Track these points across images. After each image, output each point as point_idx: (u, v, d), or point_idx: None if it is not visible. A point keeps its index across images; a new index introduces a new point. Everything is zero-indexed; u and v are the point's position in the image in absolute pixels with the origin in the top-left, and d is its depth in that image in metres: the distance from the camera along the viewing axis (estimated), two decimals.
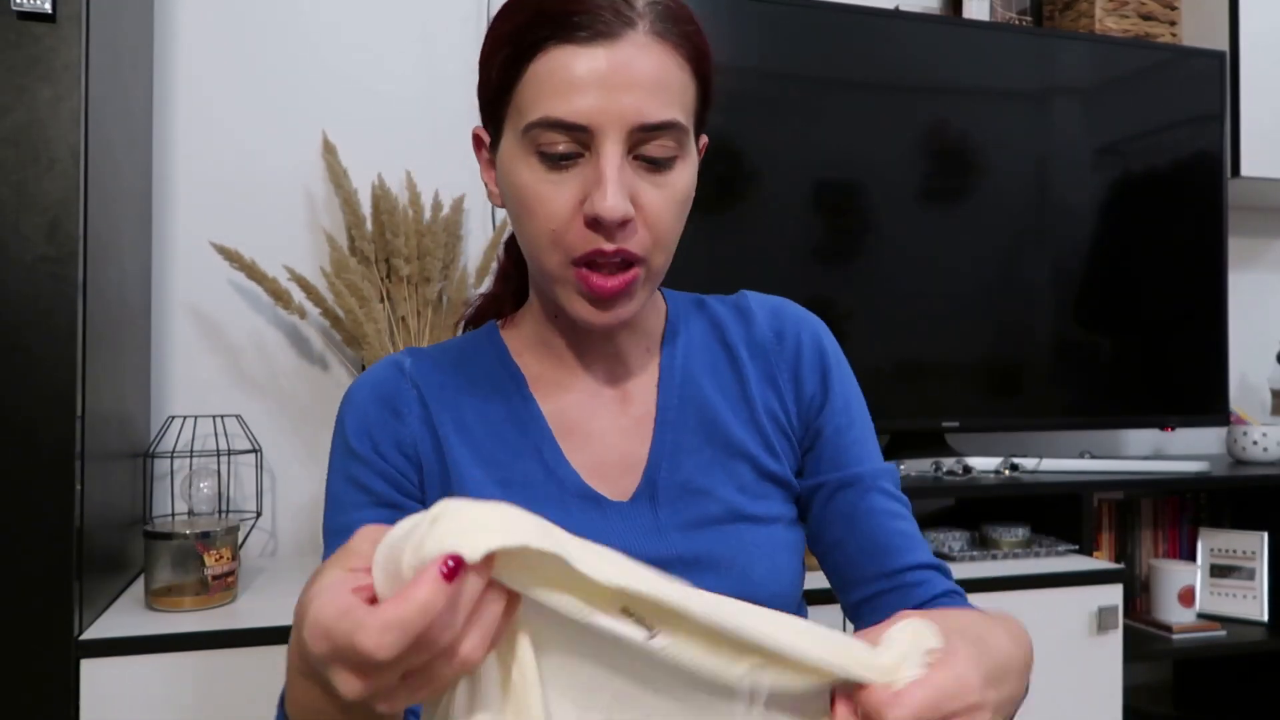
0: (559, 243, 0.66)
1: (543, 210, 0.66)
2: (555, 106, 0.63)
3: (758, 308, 0.82)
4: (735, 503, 0.74)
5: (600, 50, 0.63)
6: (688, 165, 0.69)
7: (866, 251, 1.78)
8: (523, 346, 0.78)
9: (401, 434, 0.73)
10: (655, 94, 0.64)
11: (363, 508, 0.72)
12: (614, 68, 0.63)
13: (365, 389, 0.75)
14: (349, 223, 1.59)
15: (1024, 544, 1.67)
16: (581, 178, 0.65)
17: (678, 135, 0.66)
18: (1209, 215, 2.00)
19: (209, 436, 1.55)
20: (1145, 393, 1.95)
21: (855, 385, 0.83)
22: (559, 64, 0.63)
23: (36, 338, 1.08)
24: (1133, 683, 1.78)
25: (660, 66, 0.65)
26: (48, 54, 1.09)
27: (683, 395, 0.77)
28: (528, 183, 0.66)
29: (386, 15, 1.73)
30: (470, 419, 0.75)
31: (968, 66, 1.84)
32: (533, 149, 0.65)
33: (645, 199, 0.66)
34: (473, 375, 0.77)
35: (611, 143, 0.64)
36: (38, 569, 1.08)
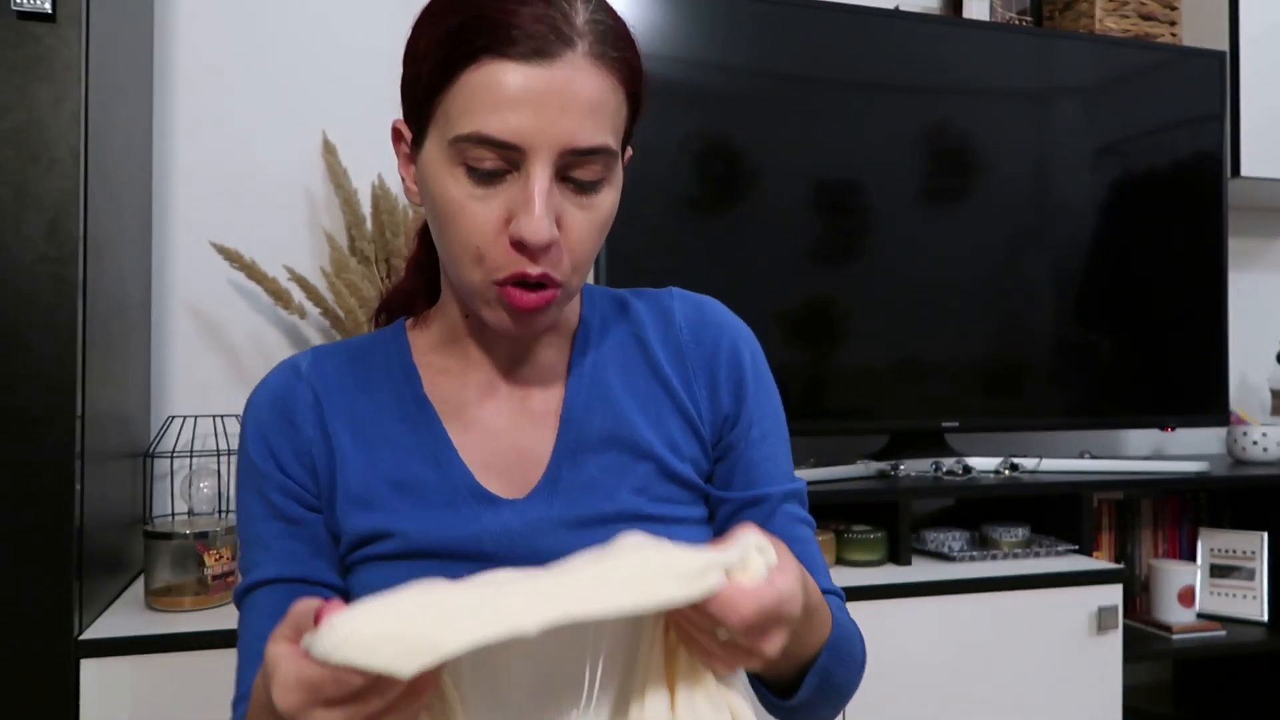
0: (482, 260, 0.65)
1: (466, 225, 0.65)
2: (487, 122, 0.62)
3: (679, 308, 0.80)
4: (634, 504, 0.73)
5: (537, 69, 0.62)
6: (613, 188, 0.68)
7: (866, 251, 1.78)
8: (429, 345, 0.78)
9: (298, 443, 0.73)
10: (589, 118, 0.63)
11: (266, 519, 0.73)
12: (550, 89, 0.62)
13: (263, 394, 0.75)
14: (349, 223, 1.59)
15: (1024, 544, 1.67)
16: (508, 196, 0.64)
17: (607, 160, 0.66)
18: (1209, 215, 2.00)
19: (209, 436, 1.55)
20: (1145, 393, 1.95)
21: (773, 397, 0.81)
22: (493, 78, 0.62)
23: (36, 338, 1.08)
24: (1133, 683, 1.78)
25: (597, 90, 0.64)
26: (48, 54, 1.09)
27: (590, 394, 0.76)
28: (453, 197, 0.65)
29: (386, 15, 1.73)
30: (364, 418, 0.74)
31: (968, 66, 1.84)
32: (459, 161, 0.64)
33: (569, 221, 0.66)
34: (370, 373, 0.76)
35: (541, 164, 0.63)
36: (38, 569, 1.08)
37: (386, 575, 0.70)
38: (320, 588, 0.73)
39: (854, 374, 1.75)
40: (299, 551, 0.73)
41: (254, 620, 0.72)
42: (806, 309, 1.74)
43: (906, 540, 1.58)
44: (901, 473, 1.75)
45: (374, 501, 0.72)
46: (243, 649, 0.73)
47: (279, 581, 0.72)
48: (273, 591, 0.72)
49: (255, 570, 0.73)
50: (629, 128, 0.70)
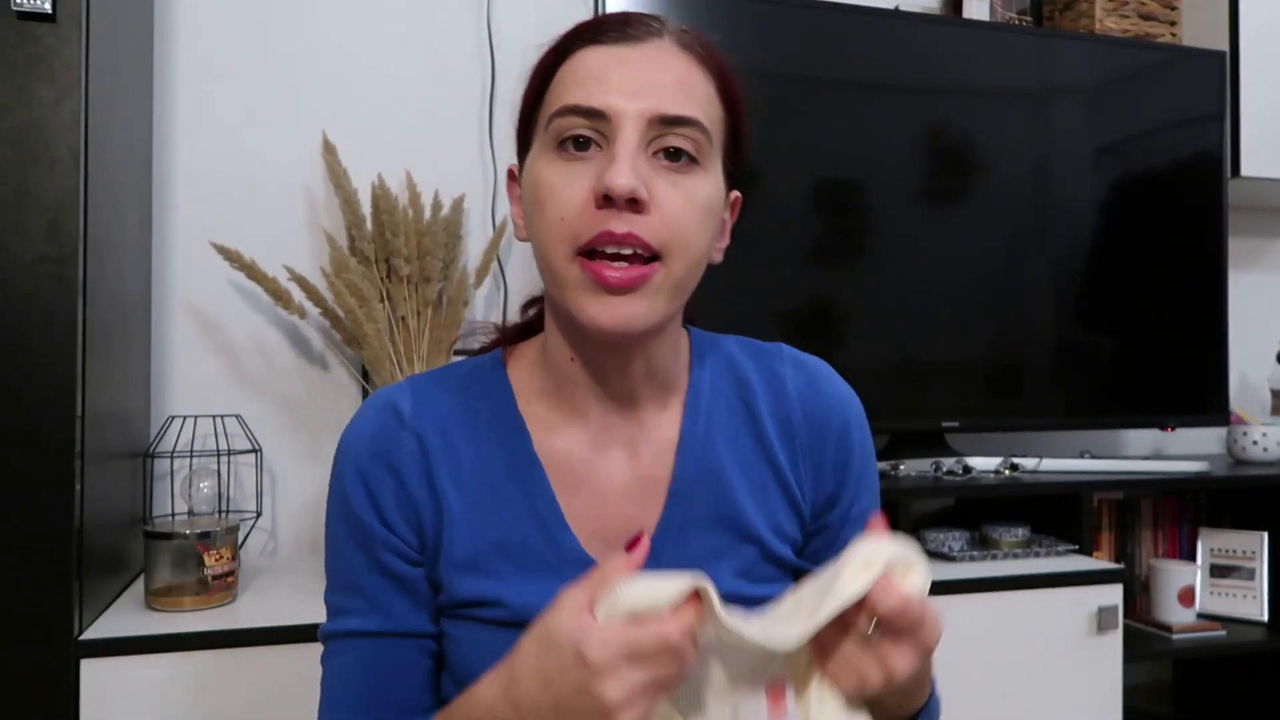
0: (567, 232, 0.64)
1: (554, 198, 0.64)
2: (576, 95, 0.65)
3: (791, 375, 0.78)
4: (736, 587, 0.72)
5: (624, 48, 0.66)
6: (710, 179, 0.67)
7: (866, 251, 1.78)
8: (532, 394, 0.74)
9: (404, 499, 0.71)
10: (676, 90, 0.65)
11: (369, 571, 0.72)
12: (638, 62, 0.65)
13: (363, 443, 0.72)
14: (349, 223, 1.59)
15: (1024, 544, 1.67)
16: (596, 167, 0.64)
17: (698, 138, 0.65)
18: (1209, 215, 2.00)
19: (209, 436, 1.55)
20: (1145, 393, 1.95)
21: (873, 473, 0.81)
22: (584, 61, 0.66)
23: (36, 338, 1.08)
24: (1133, 683, 1.78)
25: (683, 69, 0.66)
26: (48, 54, 1.09)
27: (701, 467, 0.73)
28: (543, 177, 0.65)
29: (387, 15, 1.73)
30: (470, 473, 0.72)
31: (968, 66, 1.84)
32: (553, 143, 0.65)
33: (660, 192, 0.64)
34: (475, 422, 0.73)
35: (628, 129, 0.63)
36: (38, 569, 1.08)
37: (490, 640, 0.69)
38: (418, 639, 0.72)
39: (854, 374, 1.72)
40: (400, 606, 0.72)
41: (350, 669, 0.72)
42: (807, 309, 1.74)
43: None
44: (901, 473, 1.75)
45: (481, 566, 0.70)
46: (333, 693, 0.72)
47: (378, 635, 0.71)
48: (374, 644, 0.71)
49: (354, 618, 0.72)
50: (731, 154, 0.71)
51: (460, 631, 0.71)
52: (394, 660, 0.71)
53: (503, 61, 1.76)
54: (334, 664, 0.73)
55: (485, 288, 1.76)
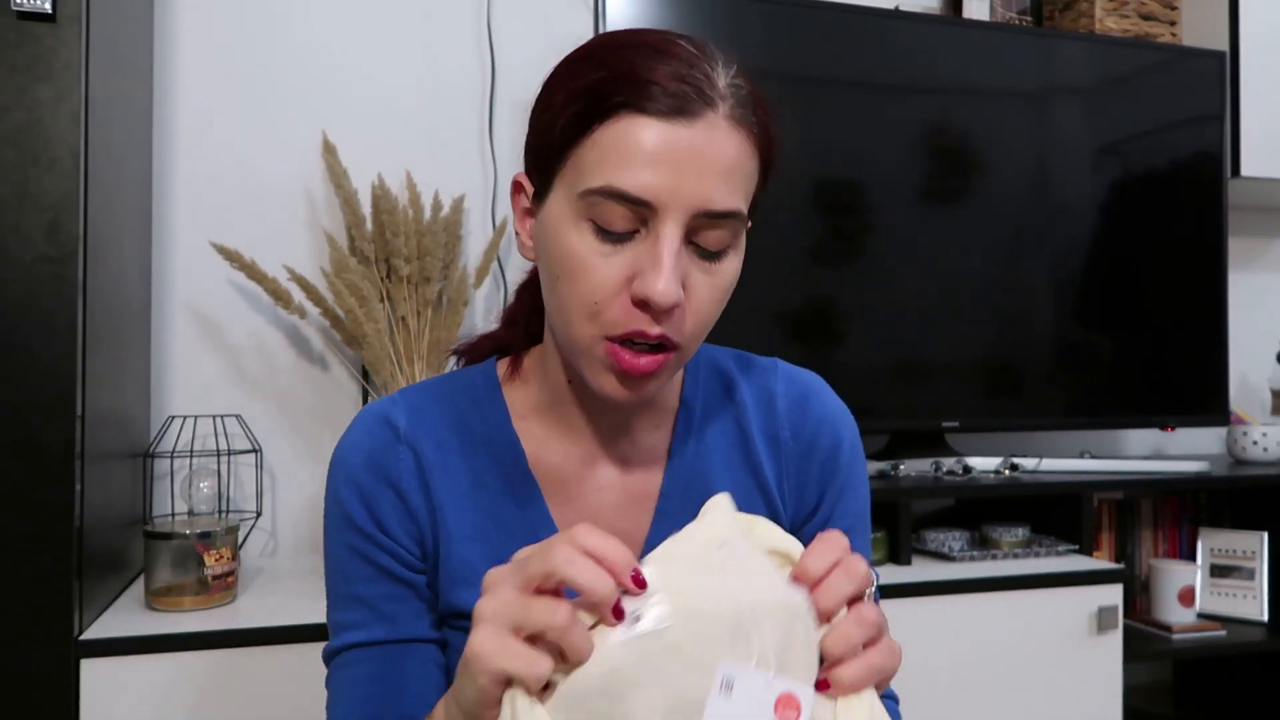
0: (597, 316, 0.63)
1: (588, 281, 0.62)
2: (622, 177, 0.60)
3: (783, 391, 0.78)
4: None
5: (677, 128, 0.60)
6: (738, 255, 0.66)
7: (866, 251, 1.78)
8: (527, 408, 0.74)
9: (404, 511, 0.71)
10: (726, 181, 0.62)
11: (373, 581, 0.71)
12: (690, 147, 0.60)
13: (359, 457, 0.71)
14: (349, 223, 1.59)
15: (1024, 544, 1.67)
16: (634, 254, 0.62)
17: (736, 226, 0.64)
18: (1209, 215, 2.00)
19: (209, 436, 1.55)
20: (1145, 393, 1.95)
21: (860, 490, 0.79)
22: (632, 134, 0.60)
23: (36, 338, 1.08)
24: (1133, 683, 1.78)
25: (735, 154, 0.62)
26: (48, 54, 1.09)
27: (688, 484, 0.74)
28: (576, 250, 0.62)
29: (386, 15, 1.73)
30: (466, 490, 0.72)
31: (968, 66, 1.84)
32: (587, 216, 0.62)
33: (694, 285, 0.63)
34: (470, 436, 0.73)
35: (672, 224, 0.61)
36: (38, 569, 1.08)
37: None
38: (425, 645, 0.71)
39: (854, 374, 1.74)
40: (404, 612, 0.71)
41: (354, 681, 0.70)
42: (807, 309, 1.74)
43: (907, 540, 1.58)
44: (901, 472, 1.75)
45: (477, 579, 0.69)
46: (338, 704, 0.71)
47: (384, 644, 0.70)
48: (381, 653, 0.70)
49: (359, 630, 0.71)
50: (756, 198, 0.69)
51: (459, 641, 0.71)
52: (401, 669, 0.71)
53: (503, 62, 1.76)
54: (339, 679, 0.71)
55: (485, 288, 1.76)
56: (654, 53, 0.62)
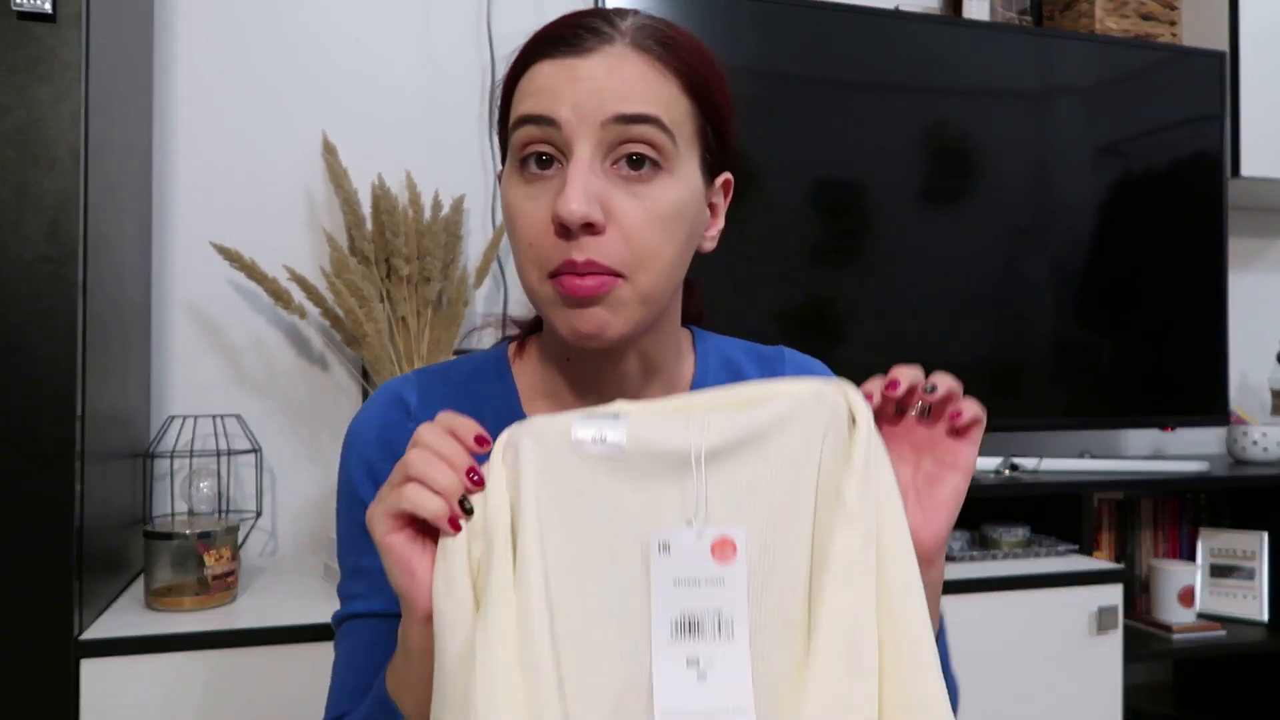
0: (536, 256, 0.65)
1: (520, 224, 0.65)
2: (529, 105, 0.65)
3: (791, 373, 0.80)
4: None
5: (575, 59, 0.64)
6: (676, 182, 0.65)
7: (866, 251, 1.78)
8: (534, 392, 0.76)
9: None
10: (629, 92, 0.63)
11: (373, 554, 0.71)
12: (588, 70, 0.64)
13: (370, 433, 0.74)
14: (349, 223, 1.59)
15: (1024, 544, 1.67)
16: (555, 186, 0.64)
17: (656, 138, 0.64)
18: (1209, 215, 2.00)
19: (209, 436, 1.55)
20: (1145, 393, 1.95)
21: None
22: (539, 73, 0.65)
23: (36, 337, 1.08)
24: (1133, 683, 1.78)
25: (635, 71, 0.64)
26: (48, 54, 1.09)
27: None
28: (513, 200, 0.66)
29: (387, 15, 1.73)
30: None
31: (968, 66, 1.84)
32: (517, 160, 0.66)
33: (619, 207, 0.63)
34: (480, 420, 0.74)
35: (583, 142, 0.63)
36: (38, 569, 1.08)
37: None
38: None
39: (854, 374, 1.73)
40: None
41: (353, 650, 0.73)
42: (807, 309, 1.74)
43: None
44: None
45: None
46: (337, 675, 0.74)
47: (384, 616, 0.72)
48: (377, 624, 0.72)
49: (360, 601, 0.74)
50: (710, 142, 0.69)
51: None
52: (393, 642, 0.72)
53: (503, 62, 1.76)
54: (342, 647, 0.75)
55: (485, 288, 1.76)
56: (555, 22, 0.68)
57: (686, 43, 0.68)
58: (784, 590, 0.57)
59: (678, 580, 0.56)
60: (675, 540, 0.57)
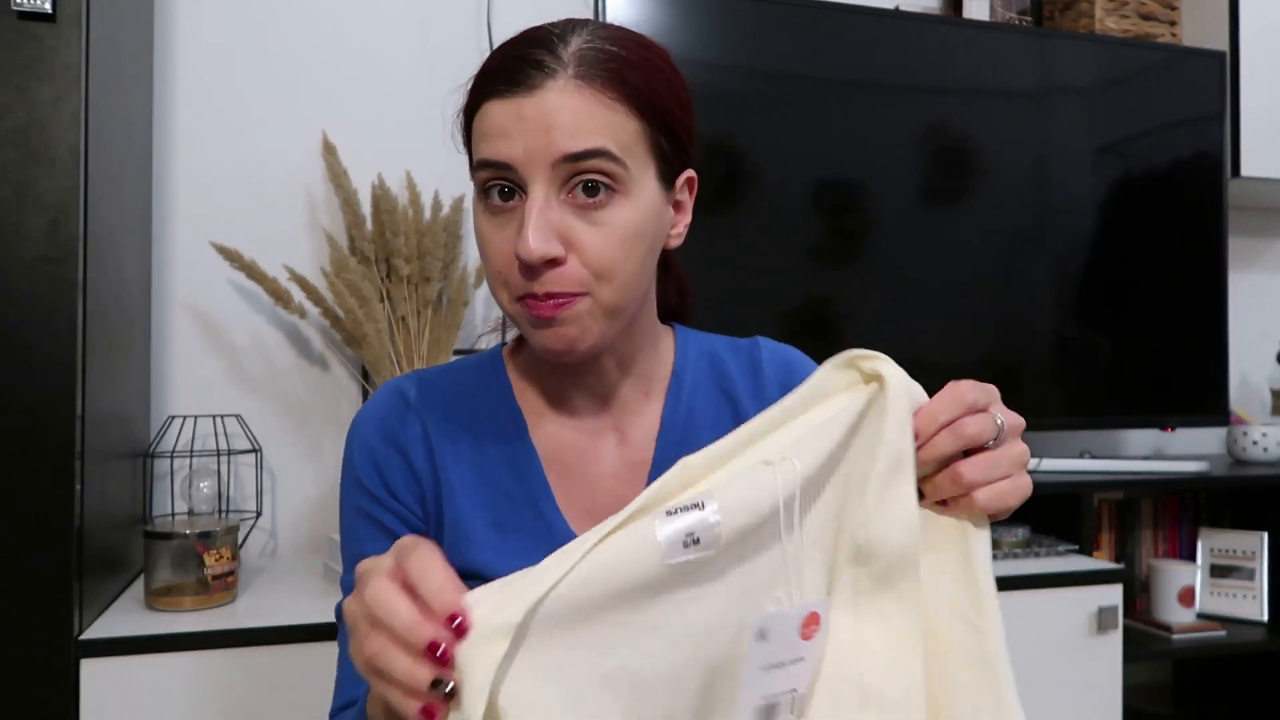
0: (504, 282, 0.69)
1: (489, 254, 0.69)
2: (482, 149, 0.68)
3: (768, 361, 0.82)
4: None
5: (520, 99, 0.66)
6: (631, 202, 0.67)
7: (866, 251, 1.78)
8: (526, 387, 0.80)
9: (409, 472, 0.76)
10: (576, 128, 0.65)
11: (377, 540, 0.75)
12: (535, 111, 0.65)
13: (372, 424, 0.77)
14: (349, 223, 1.59)
15: (1024, 544, 1.67)
16: (517, 219, 0.67)
17: (608, 167, 0.66)
18: (1209, 215, 2.00)
19: (209, 436, 1.55)
20: (1145, 393, 1.95)
21: None
22: (488, 116, 0.68)
23: (36, 338, 1.08)
24: (1133, 683, 1.78)
25: (580, 105, 0.65)
26: (48, 54, 1.09)
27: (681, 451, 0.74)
28: (481, 230, 0.70)
29: (387, 15, 1.73)
30: (469, 459, 0.76)
31: (968, 66, 1.84)
32: (481, 196, 0.69)
33: (577, 236, 0.66)
34: (475, 412, 0.78)
35: (537, 182, 0.65)
36: (38, 569, 1.08)
37: None
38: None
39: None
40: None
41: None
42: (807, 309, 1.74)
43: None
44: None
45: (476, 541, 0.74)
46: (344, 662, 0.76)
47: None
48: None
49: None
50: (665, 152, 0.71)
51: None
52: None
53: None
54: (342, 632, 0.75)
55: (485, 288, 1.76)
56: (508, 44, 0.71)
57: (632, 58, 0.68)
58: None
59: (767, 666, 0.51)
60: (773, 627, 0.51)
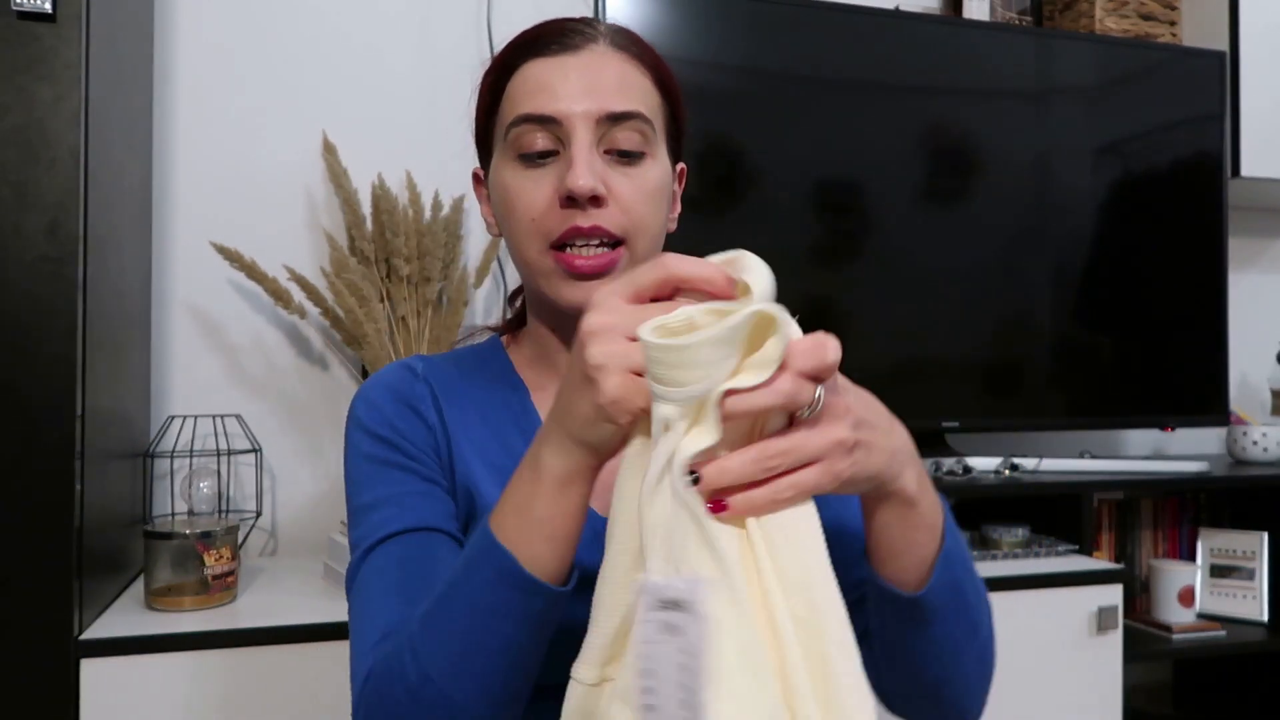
0: (538, 230, 0.71)
1: (522, 202, 0.71)
2: (529, 104, 0.71)
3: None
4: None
5: (566, 57, 0.72)
6: (658, 164, 0.74)
7: (866, 251, 1.78)
8: (525, 362, 0.82)
9: (422, 426, 0.76)
10: (619, 90, 0.71)
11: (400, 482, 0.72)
12: (579, 69, 0.71)
13: (380, 388, 0.77)
14: (349, 223, 1.59)
15: (1024, 544, 1.67)
16: (557, 169, 0.71)
17: (643, 129, 0.72)
18: (1209, 215, 2.00)
19: (209, 436, 1.55)
20: (1145, 393, 1.95)
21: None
22: (532, 72, 0.72)
23: (36, 337, 1.09)
24: (1133, 683, 1.78)
25: (621, 70, 0.73)
26: (48, 54, 1.09)
27: None
28: (511, 184, 0.72)
29: (387, 15, 1.73)
30: (478, 424, 0.77)
31: (968, 66, 1.84)
32: (514, 152, 0.72)
33: (616, 184, 0.71)
34: (479, 383, 0.80)
35: (581, 130, 0.70)
36: (38, 569, 1.08)
37: None
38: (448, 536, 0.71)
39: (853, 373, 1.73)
40: (426, 508, 0.72)
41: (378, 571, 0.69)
42: (807, 309, 1.74)
43: None
44: None
45: (487, 499, 0.74)
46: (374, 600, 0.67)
47: (409, 531, 0.70)
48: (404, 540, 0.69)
49: (383, 527, 0.70)
50: (673, 135, 0.77)
51: None
52: (427, 552, 0.69)
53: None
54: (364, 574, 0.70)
55: (485, 288, 1.76)
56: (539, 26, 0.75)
57: (652, 50, 0.77)
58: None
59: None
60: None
